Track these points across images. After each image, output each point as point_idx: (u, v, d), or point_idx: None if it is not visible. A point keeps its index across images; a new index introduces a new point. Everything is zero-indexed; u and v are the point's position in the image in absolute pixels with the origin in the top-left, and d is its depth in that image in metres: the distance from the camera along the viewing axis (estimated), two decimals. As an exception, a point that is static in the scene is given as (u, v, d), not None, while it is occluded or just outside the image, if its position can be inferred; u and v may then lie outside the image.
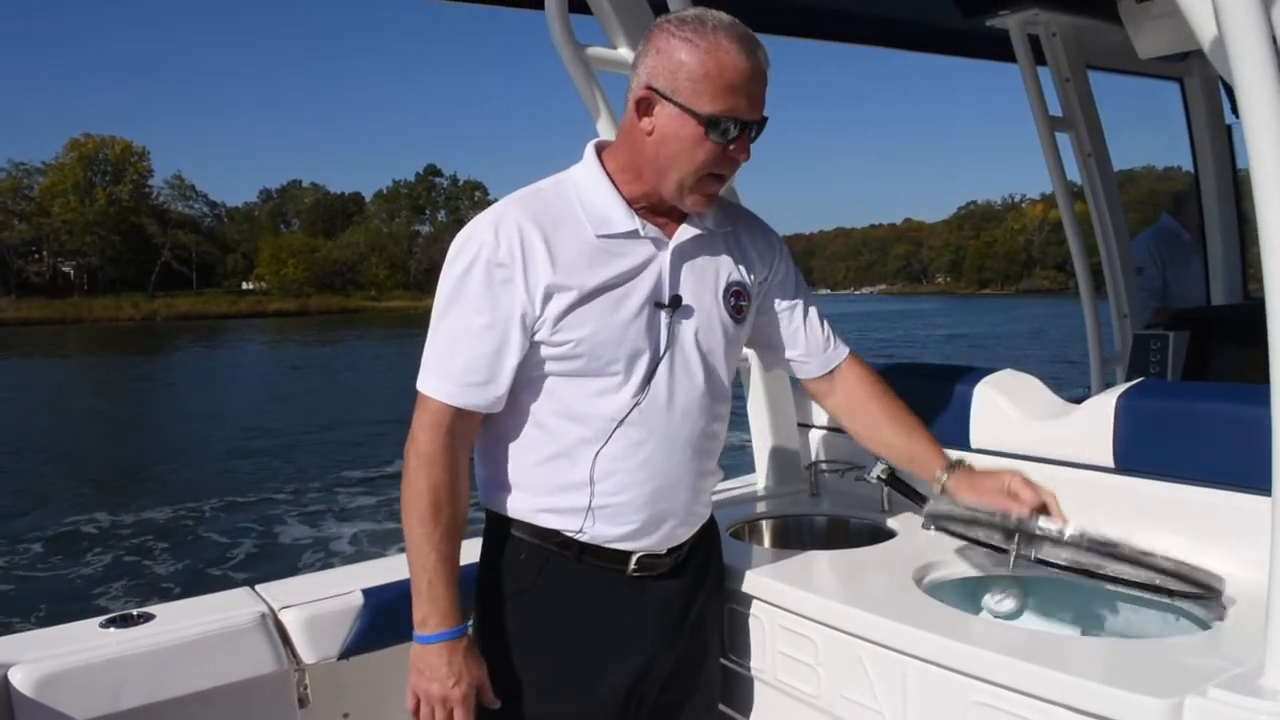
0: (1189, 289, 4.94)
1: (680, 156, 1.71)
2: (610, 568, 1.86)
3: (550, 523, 1.83)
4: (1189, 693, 1.37)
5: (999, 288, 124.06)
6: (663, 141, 1.72)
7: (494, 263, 1.71)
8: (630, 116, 1.76)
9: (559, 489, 1.81)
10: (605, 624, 1.87)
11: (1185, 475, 1.98)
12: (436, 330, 1.77)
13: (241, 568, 10.96)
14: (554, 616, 1.86)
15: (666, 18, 1.74)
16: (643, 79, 1.72)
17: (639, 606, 1.89)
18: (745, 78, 1.68)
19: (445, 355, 1.75)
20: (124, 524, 13.12)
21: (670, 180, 1.74)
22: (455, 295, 1.74)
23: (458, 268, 1.74)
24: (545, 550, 1.84)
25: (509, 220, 1.74)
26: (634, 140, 1.76)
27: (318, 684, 2.49)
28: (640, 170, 1.78)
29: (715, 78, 1.66)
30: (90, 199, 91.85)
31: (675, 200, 1.78)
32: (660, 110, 1.70)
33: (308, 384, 31.92)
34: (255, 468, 17.04)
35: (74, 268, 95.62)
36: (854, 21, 3.83)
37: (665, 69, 1.68)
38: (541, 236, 1.72)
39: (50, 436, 21.40)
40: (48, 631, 2.32)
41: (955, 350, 40.00)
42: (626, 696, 1.89)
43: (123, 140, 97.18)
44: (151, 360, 44.71)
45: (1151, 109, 5.09)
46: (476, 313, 1.73)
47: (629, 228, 1.78)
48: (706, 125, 1.68)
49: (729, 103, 1.67)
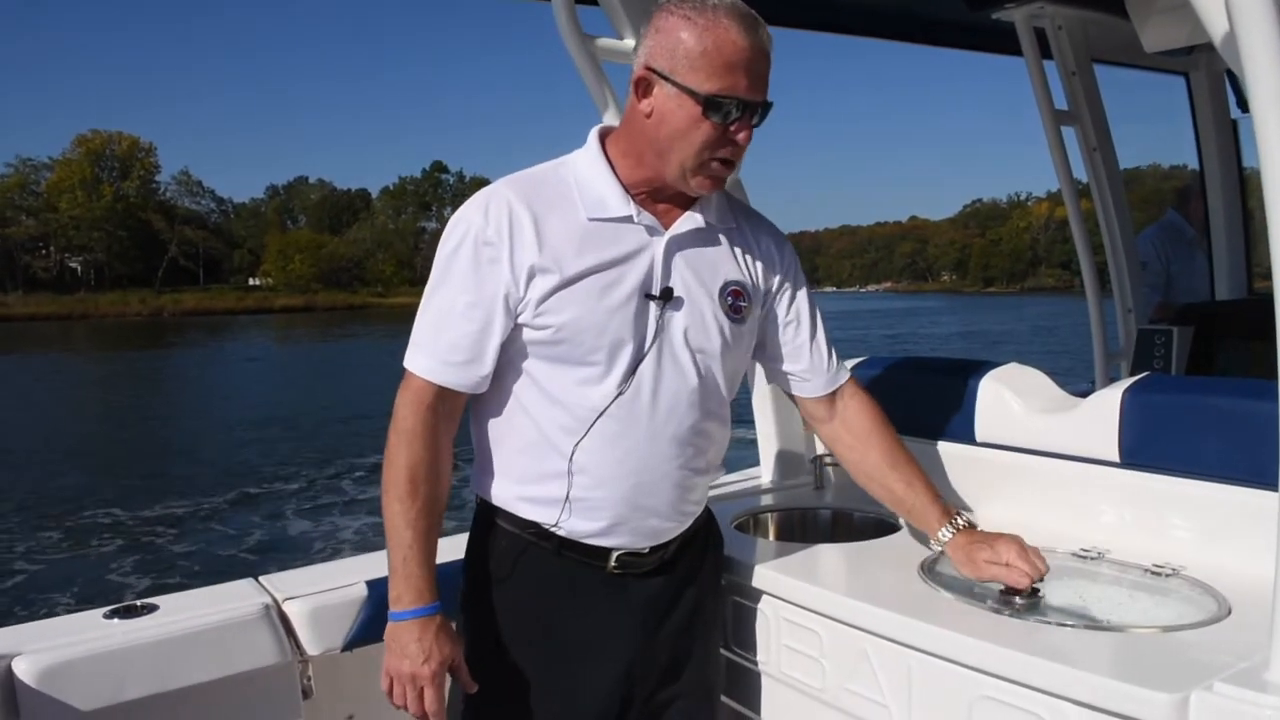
0: (1193, 284, 4.93)
1: (679, 137, 1.67)
2: (591, 563, 1.82)
3: (528, 513, 1.81)
4: (1195, 687, 1.36)
5: (1004, 286, 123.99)
6: (661, 122, 1.68)
7: (482, 241, 1.70)
8: (630, 99, 1.73)
9: (538, 478, 1.79)
10: (580, 622, 1.84)
11: (1190, 470, 1.98)
12: (425, 308, 1.76)
13: (253, 553, 11.21)
14: (529, 610, 1.84)
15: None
16: (642, 60, 1.69)
17: (619, 605, 1.85)
18: (745, 56, 1.64)
19: (431, 333, 1.74)
20: (136, 515, 13.28)
21: (672, 162, 1.71)
22: (444, 274, 1.74)
23: (448, 246, 1.74)
24: (523, 540, 1.82)
25: (499, 199, 1.72)
26: (634, 123, 1.73)
27: (321, 675, 2.49)
28: (642, 154, 1.74)
29: (713, 55, 1.62)
30: (97, 195, 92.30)
31: (678, 183, 1.74)
32: (659, 90, 1.67)
33: (316, 378, 32.19)
34: (265, 460, 17.21)
35: (81, 263, 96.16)
36: (858, 13, 3.82)
37: (664, 48, 1.65)
38: (531, 217, 1.70)
39: (60, 430, 21.54)
40: (51, 622, 2.32)
41: (964, 347, 40.01)
42: (608, 698, 1.85)
43: (130, 136, 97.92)
44: (160, 355, 45.08)
45: (1158, 103, 5.08)
46: (462, 291, 1.72)
47: (623, 213, 1.74)
48: (705, 105, 1.64)
49: (728, 81, 1.63)
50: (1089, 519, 2.13)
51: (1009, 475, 2.32)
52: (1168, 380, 2.74)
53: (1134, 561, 1.93)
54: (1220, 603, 1.71)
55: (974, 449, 2.40)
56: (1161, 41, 3.61)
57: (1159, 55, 3.97)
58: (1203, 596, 1.76)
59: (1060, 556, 2.00)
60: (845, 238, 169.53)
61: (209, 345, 51.15)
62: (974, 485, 2.38)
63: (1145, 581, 1.86)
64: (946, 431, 2.45)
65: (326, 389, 28.21)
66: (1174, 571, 1.86)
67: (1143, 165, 5.49)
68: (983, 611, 1.74)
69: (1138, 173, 5.76)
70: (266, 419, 21.92)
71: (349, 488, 14.57)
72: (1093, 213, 4.16)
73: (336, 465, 16.28)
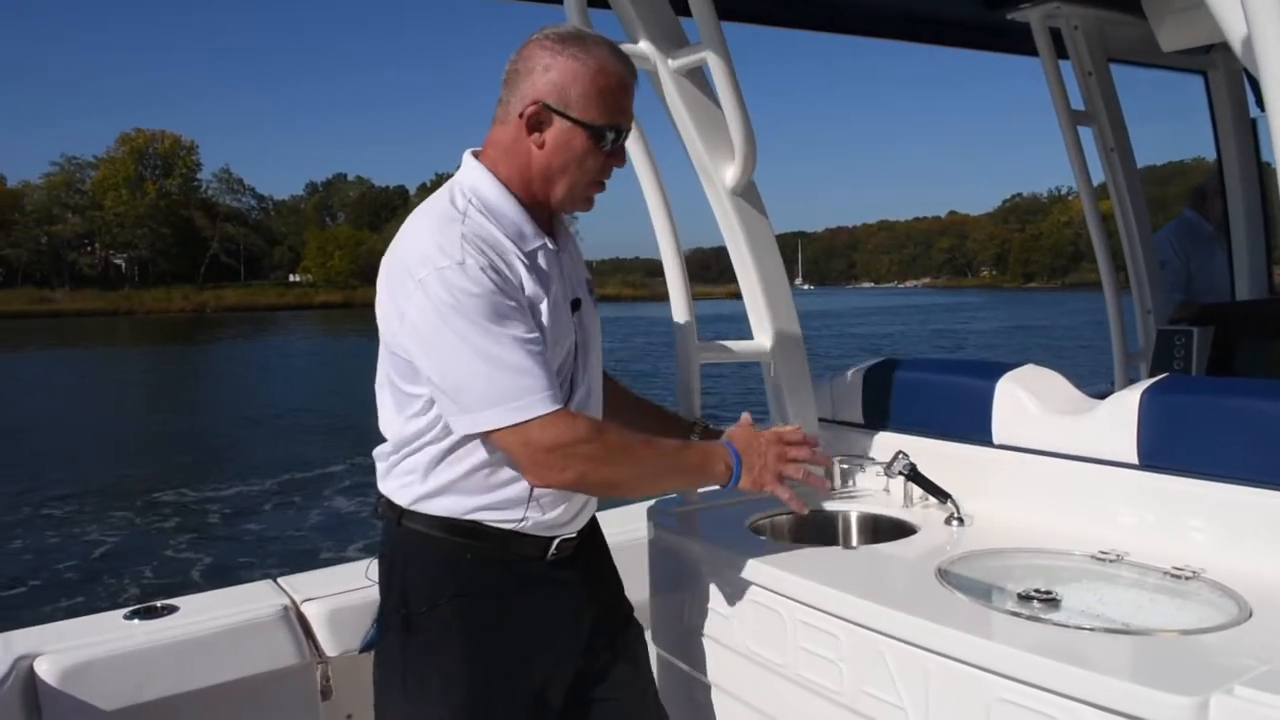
0: (1211, 283, 4.90)
1: (571, 165, 1.85)
2: (530, 558, 1.92)
3: (486, 518, 1.87)
4: (1215, 690, 1.35)
5: (1045, 281, 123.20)
6: (554, 153, 1.84)
7: (498, 296, 1.73)
8: (515, 131, 1.84)
9: (496, 487, 1.87)
10: (528, 621, 1.92)
11: (1211, 472, 1.97)
12: (477, 369, 1.72)
13: (316, 530, 11.80)
14: (477, 617, 1.88)
15: (544, 34, 1.84)
16: (528, 95, 1.82)
17: (556, 596, 1.97)
18: (626, 92, 1.87)
19: (526, 375, 1.73)
20: (187, 504, 13.71)
21: (559, 188, 1.87)
22: (485, 331, 1.72)
23: (471, 309, 1.71)
24: (462, 547, 1.88)
25: (460, 256, 1.73)
26: (520, 154, 1.86)
27: (339, 677, 2.51)
28: (529, 181, 1.87)
29: (605, 93, 1.82)
30: (141, 192, 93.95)
31: (561, 207, 1.92)
32: (550, 125, 1.82)
33: (359, 372, 32.36)
34: (310, 450, 17.64)
35: (125, 260, 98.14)
36: (873, 15, 3.81)
37: (555, 85, 1.81)
38: (504, 263, 1.78)
39: (110, 423, 22.19)
40: (73, 622, 2.34)
41: (1016, 343, 40.04)
42: (568, 694, 1.98)
43: (172, 134, 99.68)
44: (204, 349, 46.25)
45: (1176, 102, 5.05)
46: (512, 339, 1.74)
47: (538, 241, 1.87)
48: (596, 136, 1.83)
49: (614, 115, 1.85)
50: (1107, 521, 2.12)
51: (1026, 477, 2.31)
52: (1186, 381, 2.72)
53: (1153, 564, 1.92)
54: (1241, 606, 1.70)
55: (991, 450, 2.39)
56: (1179, 40, 3.59)
57: (1176, 54, 3.95)
58: (1223, 599, 1.74)
59: (1079, 559, 1.99)
60: (883, 233, 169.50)
61: (254, 340, 52.14)
62: (991, 487, 2.37)
63: (1165, 584, 1.85)
64: (963, 433, 2.45)
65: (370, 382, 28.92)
66: (1194, 574, 1.85)
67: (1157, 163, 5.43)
68: (1000, 614, 1.74)
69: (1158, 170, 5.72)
70: (313, 408, 22.96)
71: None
72: (1111, 213, 4.14)
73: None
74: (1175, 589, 1.83)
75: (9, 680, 2.04)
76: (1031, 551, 2.08)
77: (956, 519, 2.32)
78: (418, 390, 1.82)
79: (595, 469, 1.80)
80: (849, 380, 2.80)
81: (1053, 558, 2.03)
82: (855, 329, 51.59)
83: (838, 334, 46.42)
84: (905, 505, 2.49)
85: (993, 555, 2.07)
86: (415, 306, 1.73)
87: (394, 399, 1.88)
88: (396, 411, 1.88)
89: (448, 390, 1.75)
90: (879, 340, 43.57)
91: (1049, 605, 1.74)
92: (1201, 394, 2.12)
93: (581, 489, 1.89)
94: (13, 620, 2.41)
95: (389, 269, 1.82)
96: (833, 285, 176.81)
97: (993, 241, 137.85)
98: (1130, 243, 4.11)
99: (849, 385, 2.79)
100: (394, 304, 1.78)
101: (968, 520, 2.31)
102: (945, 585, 1.89)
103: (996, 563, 2.03)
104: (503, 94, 1.87)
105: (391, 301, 1.79)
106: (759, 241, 2.74)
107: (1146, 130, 4.23)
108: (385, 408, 1.91)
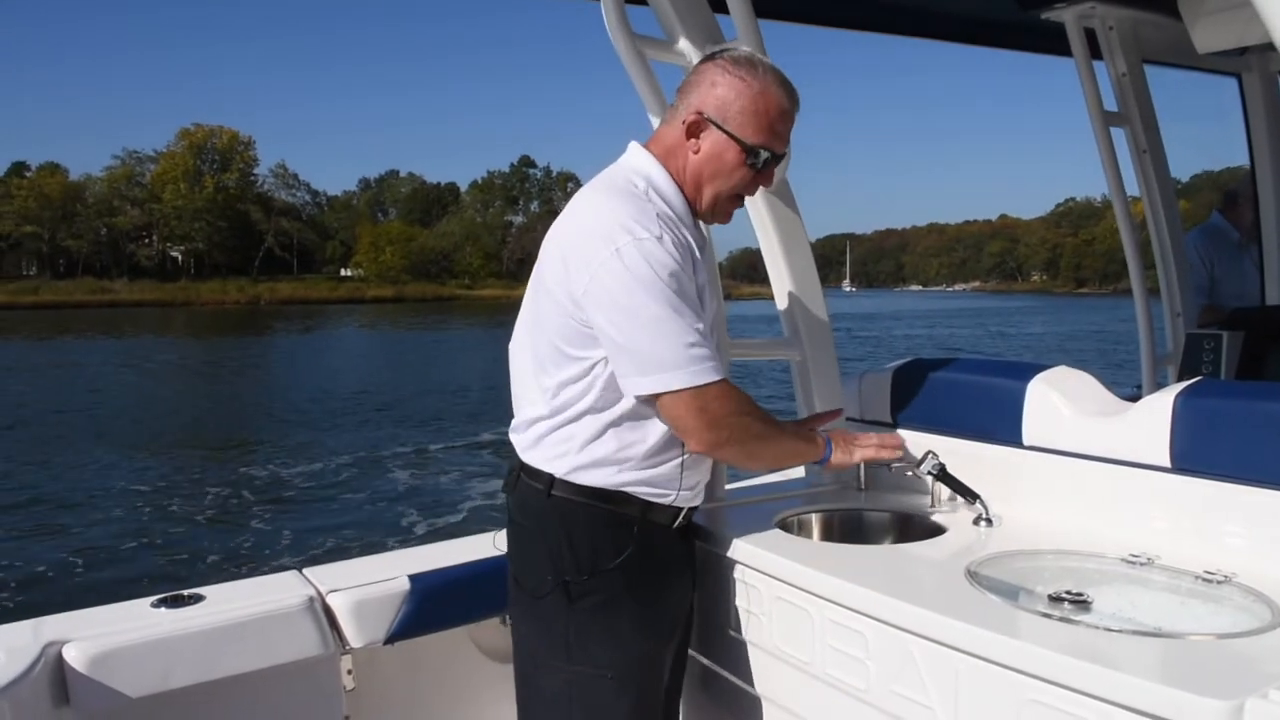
0: (1237, 288, 4.87)
1: (720, 175, 2.03)
2: (664, 526, 2.07)
3: (637, 491, 2.01)
4: (1250, 694, 1.34)
5: (1097, 287, 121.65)
6: (706, 161, 2.02)
7: (676, 271, 1.88)
8: (679, 134, 2.03)
9: (654, 462, 2.02)
10: (675, 585, 2.14)
11: (1244, 476, 1.95)
12: (666, 333, 1.87)
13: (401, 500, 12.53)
14: (638, 581, 2.03)
15: (724, 55, 2.03)
16: (694, 105, 2.01)
17: (686, 563, 2.19)
18: (784, 118, 2.03)
19: (702, 346, 1.90)
20: (254, 483, 14.04)
21: (706, 194, 2.05)
22: (671, 301, 1.87)
23: (664, 280, 1.86)
24: (615, 516, 2.01)
25: (657, 233, 1.89)
26: (681, 155, 2.04)
27: (363, 668, 2.52)
28: (684, 182, 2.05)
29: (762, 115, 1.99)
30: (199, 186, 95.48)
31: (704, 213, 2.09)
32: (708, 134, 2.00)
33: (414, 365, 33.52)
34: (368, 436, 18.11)
35: (182, 252, 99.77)
36: (908, 14, 3.80)
37: (718, 100, 1.99)
38: (686, 244, 1.95)
39: (174, 406, 22.85)
40: (101, 610, 2.36)
41: (1066, 346, 40.16)
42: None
43: (230, 130, 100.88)
44: (260, 340, 47.06)
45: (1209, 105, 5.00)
46: (688, 309, 1.90)
47: (699, 232, 2.07)
48: (747, 152, 2.00)
49: (768, 137, 2.01)
50: (1139, 524, 2.10)
51: (1057, 479, 2.30)
52: (1220, 385, 2.70)
53: (1185, 568, 1.90)
54: (1275, 610, 1.68)
55: (1021, 452, 2.38)
56: (1214, 42, 3.57)
57: (1211, 56, 3.92)
58: (1256, 604, 1.73)
59: (1110, 562, 1.98)
60: (933, 235, 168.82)
61: (311, 332, 53.06)
62: (1021, 488, 2.36)
63: (1197, 588, 1.83)
64: (993, 434, 2.43)
65: (430, 369, 30.67)
66: (1226, 578, 1.83)
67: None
68: (1031, 615, 1.72)
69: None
70: (369, 396, 23.63)
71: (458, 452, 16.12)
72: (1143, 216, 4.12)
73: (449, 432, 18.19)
74: (1207, 593, 1.82)
75: (39, 666, 2.05)
76: (1061, 553, 2.06)
77: (985, 520, 2.30)
78: (585, 354, 1.93)
79: (749, 439, 2.01)
80: (878, 380, 2.78)
81: (1083, 560, 2.02)
82: (897, 331, 51.86)
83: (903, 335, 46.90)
84: (934, 505, 2.47)
85: (1022, 556, 2.06)
86: (610, 272, 1.85)
87: (554, 363, 1.98)
88: (552, 375, 1.98)
89: (631, 352, 1.87)
90: (924, 342, 43.84)
91: (1080, 607, 1.73)
92: (1235, 398, 2.09)
93: (727, 455, 2.07)
94: (49, 602, 2.44)
95: (572, 239, 1.95)
96: (880, 288, 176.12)
97: (1044, 246, 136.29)
98: (1161, 245, 4.09)
99: (878, 385, 2.78)
100: (583, 269, 1.88)
101: (997, 521, 2.30)
102: (975, 585, 1.87)
103: (1026, 564, 2.02)
104: (676, 99, 2.08)
105: (579, 268, 1.89)
106: (791, 240, 2.74)
107: (1179, 131, 4.19)
108: (539, 374, 2.01)
